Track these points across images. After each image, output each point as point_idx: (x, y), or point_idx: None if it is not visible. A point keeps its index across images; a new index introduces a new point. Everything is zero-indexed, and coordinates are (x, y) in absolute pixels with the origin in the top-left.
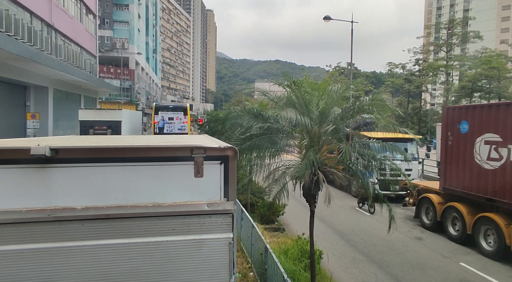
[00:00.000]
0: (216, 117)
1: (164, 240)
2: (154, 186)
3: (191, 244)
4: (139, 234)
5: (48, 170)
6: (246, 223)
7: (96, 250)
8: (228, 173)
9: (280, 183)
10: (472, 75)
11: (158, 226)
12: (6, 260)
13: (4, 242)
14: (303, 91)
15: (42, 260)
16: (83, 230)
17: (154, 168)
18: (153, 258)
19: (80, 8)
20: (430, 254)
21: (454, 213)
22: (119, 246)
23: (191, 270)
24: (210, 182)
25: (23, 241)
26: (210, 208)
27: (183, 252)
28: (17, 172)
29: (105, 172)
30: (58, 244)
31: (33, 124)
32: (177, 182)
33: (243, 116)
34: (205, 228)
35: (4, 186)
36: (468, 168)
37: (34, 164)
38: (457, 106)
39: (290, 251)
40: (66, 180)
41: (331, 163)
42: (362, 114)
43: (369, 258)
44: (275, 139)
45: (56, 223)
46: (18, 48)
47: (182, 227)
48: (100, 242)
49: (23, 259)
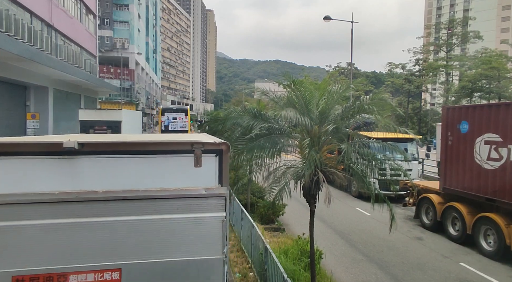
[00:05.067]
0: (216, 117)
1: (170, 217)
2: (161, 174)
3: (192, 221)
4: (149, 212)
5: (76, 160)
6: (246, 223)
7: (114, 225)
8: (222, 164)
9: (281, 183)
10: (472, 75)
11: (165, 206)
12: (44, 231)
13: (42, 217)
14: (303, 91)
15: (70, 232)
16: (104, 209)
17: (161, 159)
18: (161, 232)
19: (80, 8)
20: (430, 254)
21: (454, 213)
22: (133, 222)
23: (192, 242)
24: (207, 171)
25: (56, 216)
26: (207, 192)
27: (185, 227)
28: (52, 161)
29: (122, 162)
30: (84, 219)
31: (33, 124)
32: (180, 171)
33: (243, 116)
34: (203, 208)
35: (41, 173)
36: (468, 168)
37: (65, 155)
38: (457, 107)
39: (290, 251)
40: (90, 168)
41: (331, 163)
42: (362, 114)
43: (369, 258)
44: (275, 140)
45: (82, 203)
46: (18, 48)
47: (184, 207)
48: (117, 218)
49: (56, 230)
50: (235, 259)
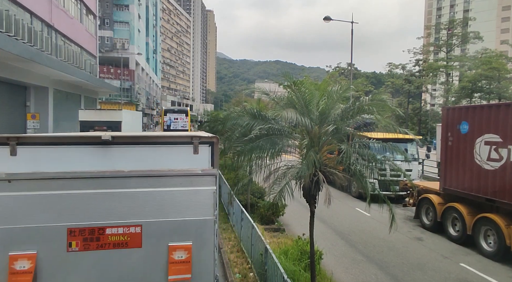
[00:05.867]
0: (216, 117)
1: (176, 189)
2: (169, 158)
3: (191, 192)
4: (161, 186)
5: (109, 148)
6: (246, 224)
7: (135, 194)
8: (213, 152)
9: (281, 183)
10: (472, 76)
11: (172, 181)
12: (87, 197)
13: (86, 188)
14: (303, 91)
15: (105, 198)
16: (128, 183)
17: (169, 148)
18: (169, 199)
19: (80, 8)
20: (430, 255)
21: (454, 213)
22: (149, 192)
23: (191, 206)
24: (202, 157)
25: (96, 188)
26: (202, 172)
27: (187, 196)
28: (93, 149)
29: (141, 150)
30: (114, 190)
31: (33, 125)
32: (183, 157)
33: (243, 116)
34: (199, 183)
35: (85, 157)
36: (468, 168)
37: (102, 145)
38: (457, 107)
39: (290, 252)
40: (118, 154)
41: (331, 163)
42: (362, 115)
43: (369, 259)
44: (275, 140)
45: (113, 178)
46: (18, 48)
47: (186, 182)
48: (138, 190)
49: (96, 197)
50: (235, 260)
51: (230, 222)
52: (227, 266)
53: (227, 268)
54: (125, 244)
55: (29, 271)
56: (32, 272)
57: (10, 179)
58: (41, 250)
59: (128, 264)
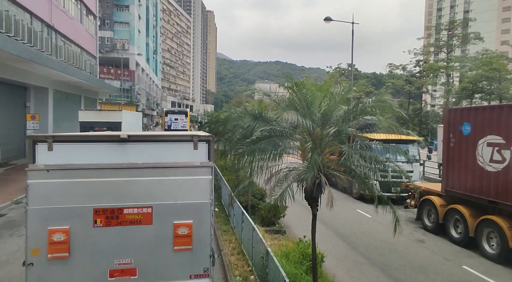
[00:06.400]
0: (217, 118)
1: (179, 178)
2: (174, 153)
3: (192, 180)
4: (168, 175)
5: (126, 145)
6: (247, 226)
7: (147, 182)
8: (209, 148)
9: (282, 186)
10: (473, 77)
11: (177, 172)
12: (108, 184)
13: (107, 176)
14: (305, 93)
15: (123, 185)
16: (141, 173)
17: (174, 145)
18: (174, 186)
19: (80, 9)
20: (432, 257)
21: (456, 215)
22: (158, 180)
23: (192, 192)
24: (201, 152)
25: (115, 176)
26: (200, 164)
27: (188, 184)
28: (112, 145)
29: (151, 146)
30: (130, 178)
31: (33, 125)
32: (185, 152)
33: (244, 118)
34: (199, 173)
35: (107, 152)
36: (471, 170)
37: (120, 142)
38: (459, 108)
39: (291, 254)
40: (133, 150)
41: (333, 165)
42: (364, 116)
43: (371, 261)
44: (277, 142)
45: (129, 169)
46: (18, 49)
47: (187, 172)
48: (149, 178)
49: (115, 184)
50: (235, 262)
51: (230, 224)
52: (227, 269)
53: (227, 270)
54: (139, 222)
55: (65, 241)
56: (67, 243)
57: (48, 169)
58: (73, 226)
59: (142, 237)
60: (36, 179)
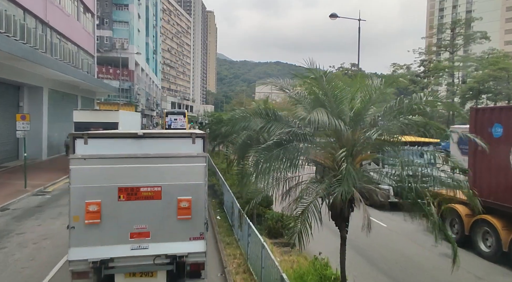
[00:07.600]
0: (218, 119)
1: (181, 165)
2: (176, 146)
3: (191, 167)
4: (173, 163)
5: (141, 140)
6: (253, 239)
7: (158, 168)
8: (204, 143)
9: (304, 202)
10: (480, 76)
11: (179, 160)
12: (128, 169)
13: (126, 164)
14: (334, 86)
15: (139, 170)
16: (153, 161)
17: (177, 140)
18: (178, 171)
19: (77, 6)
20: (462, 275)
21: (486, 227)
22: (166, 167)
23: (190, 175)
24: (197, 145)
25: (133, 164)
26: (197, 155)
27: (188, 169)
28: (131, 141)
29: (160, 141)
30: (144, 165)
31: (23, 126)
32: (185, 145)
33: (255, 118)
34: (195, 161)
35: (127, 146)
36: (503, 176)
37: (137, 138)
38: (489, 107)
39: (309, 278)
40: (147, 144)
41: (365, 177)
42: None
43: (392, 279)
44: (298, 148)
45: (143, 158)
46: (9, 46)
47: (188, 161)
48: (159, 165)
49: (133, 169)
50: None
51: (234, 235)
52: None
53: None
54: (151, 197)
55: (97, 211)
56: (99, 212)
57: (84, 158)
58: (103, 200)
59: (154, 209)
60: (76, 165)
